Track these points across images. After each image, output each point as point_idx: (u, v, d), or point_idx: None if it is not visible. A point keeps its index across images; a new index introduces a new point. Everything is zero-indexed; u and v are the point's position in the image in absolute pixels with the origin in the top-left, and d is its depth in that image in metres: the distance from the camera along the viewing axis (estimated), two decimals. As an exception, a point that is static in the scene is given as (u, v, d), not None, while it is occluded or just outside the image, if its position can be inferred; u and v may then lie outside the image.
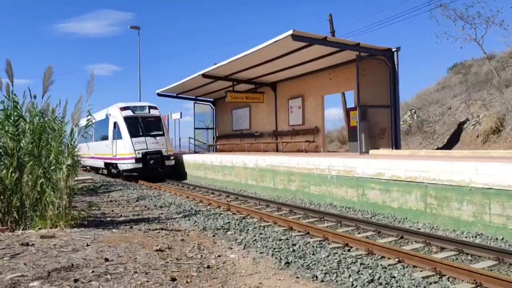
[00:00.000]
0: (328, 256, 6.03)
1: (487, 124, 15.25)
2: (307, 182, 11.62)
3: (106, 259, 5.89)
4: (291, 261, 5.84)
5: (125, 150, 19.07)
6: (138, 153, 18.79)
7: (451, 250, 6.20)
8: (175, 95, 25.93)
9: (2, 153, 9.06)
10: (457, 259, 5.90)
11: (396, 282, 4.85)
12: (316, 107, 18.24)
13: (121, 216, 10.24)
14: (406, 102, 24.83)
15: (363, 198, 9.67)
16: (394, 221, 8.48)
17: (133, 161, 18.88)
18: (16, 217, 8.65)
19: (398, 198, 8.71)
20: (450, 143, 16.76)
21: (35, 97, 9.62)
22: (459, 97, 19.81)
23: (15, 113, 8.99)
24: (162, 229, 8.31)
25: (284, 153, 17.42)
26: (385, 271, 5.24)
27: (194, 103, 27.07)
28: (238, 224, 8.64)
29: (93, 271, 5.31)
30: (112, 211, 11.06)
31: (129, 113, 19.56)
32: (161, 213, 10.43)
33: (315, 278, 5.11)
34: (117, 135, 19.71)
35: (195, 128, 27.30)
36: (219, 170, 17.06)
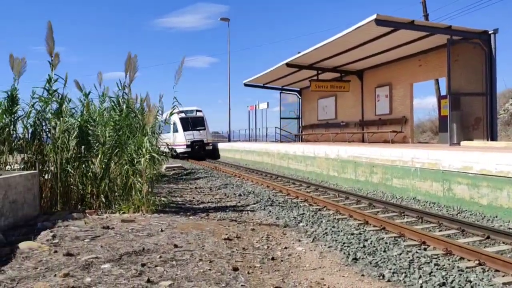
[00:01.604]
0: (400, 254, 5.68)
1: None
2: (390, 175, 11.08)
3: (175, 245, 6.07)
4: (359, 257, 5.58)
5: (180, 139, 27.79)
6: (188, 141, 27.69)
7: (545, 255, 5.54)
8: (261, 85, 26.18)
9: (94, 141, 9.74)
10: (550, 265, 5.24)
11: (471, 287, 4.42)
12: (404, 96, 17.34)
13: (200, 203, 10.53)
14: (510, 89, 22.75)
15: (448, 193, 9.00)
16: (482, 219, 7.78)
17: (185, 146, 27.83)
18: (104, 201, 9.26)
19: (488, 194, 7.97)
20: (558, 135, 15.03)
21: (123, 88, 10.23)
22: None
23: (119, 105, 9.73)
24: (236, 217, 8.42)
25: (370, 144, 16.82)
26: (460, 274, 4.80)
27: (280, 92, 27.15)
28: (312, 216, 8.46)
29: (160, 257, 5.50)
30: (193, 198, 11.42)
31: (183, 115, 28.05)
32: (239, 202, 10.56)
33: (381, 277, 4.83)
34: (176, 130, 28.30)
35: (281, 118, 27.37)
36: (302, 160, 16.91)
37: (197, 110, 28.97)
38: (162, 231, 7.07)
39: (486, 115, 12.80)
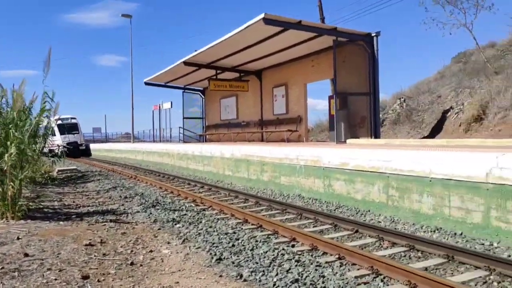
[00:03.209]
0: (266, 252, 5.57)
1: (469, 112, 14.65)
2: (278, 173, 11.15)
3: (26, 254, 5.52)
4: (224, 258, 5.40)
5: (58, 142, 29.67)
6: (64, 143, 31.26)
7: (402, 246, 5.73)
8: (163, 84, 25.46)
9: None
10: (405, 256, 5.43)
11: (323, 283, 4.40)
12: (299, 96, 17.72)
13: (80, 207, 9.84)
14: (402, 92, 24.15)
15: (329, 189, 9.20)
16: (356, 213, 8.01)
17: (62, 147, 29.92)
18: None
19: (362, 189, 8.23)
20: (434, 132, 16.21)
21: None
22: (449, 85, 19.21)
23: None
24: (111, 221, 7.91)
25: (267, 143, 16.96)
26: (316, 270, 4.78)
27: (183, 92, 26.60)
28: (193, 217, 8.19)
29: (3, 268, 4.95)
30: (74, 202, 10.65)
31: (60, 122, 32.18)
32: (122, 204, 9.99)
33: (238, 277, 4.67)
34: (53, 134, 31.35)
35: (184, 118, 26.83)
36: (200, 160, 16.62)
37: (71, 118, 36.41)
38: (18, 239, 6.43)
39: (370, 114, 13.41)
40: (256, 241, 6.20)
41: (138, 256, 5.58)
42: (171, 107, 29.17)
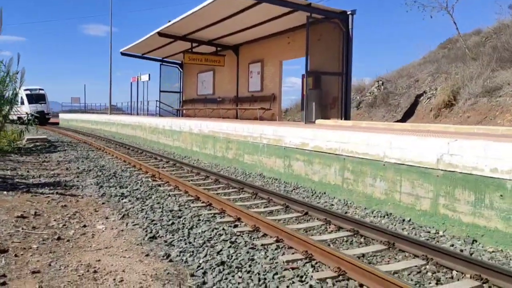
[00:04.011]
0: (204, 232, 5.35)
1: (440, 97, 14.48)
2: (242, 151, 10.90)
3: None
4: (159, 236, 5.17)
5: (25, 110, 31.82)
6: (32, 111, 30.69)
7: (347, 231, 5.56)
8: (140, 55, 24.79)
9: None
10: (347, 241, 5.25)
11: (249, 266, 4.19)
12: (274, 73, 17.32)
13: (32, 177, 9.46)
14: (382, 75, 23.88)
15: (288, 170, 8.98)
16: (312, 195, 7.81)
17: (30, 115, 30.91)
18: None
19: (319, 170, 8.02)
20: (407, 117, 16.06)
21: None
22: (428, 70, 19.00)
23: None
24: (58, 193, 7.60)
25: (240, 120, 16.67)
26: (248, 253, 4.57)
27: (161, 64, 26.00)
28: (145, 192, 7.92)
29: None
30: (28, 172, 10.26)
31: (28, 92, 36.34)
32: (77, 176, 9.68)
33: (165, 257, 4.44)
34: (22, 103, 33.62)
35: (160, 91, 26.29)
36: (170, 135, 16.29)
37: (39, 89, 39.12)
38: None
39: (341, 95, 13.14)
40: (199, 220, 5.97)
41: (68, 231, 5.31)
42: (149, 79, 28.59)
